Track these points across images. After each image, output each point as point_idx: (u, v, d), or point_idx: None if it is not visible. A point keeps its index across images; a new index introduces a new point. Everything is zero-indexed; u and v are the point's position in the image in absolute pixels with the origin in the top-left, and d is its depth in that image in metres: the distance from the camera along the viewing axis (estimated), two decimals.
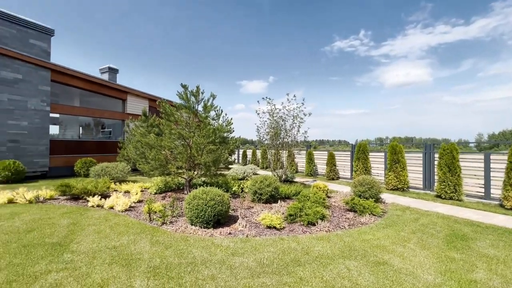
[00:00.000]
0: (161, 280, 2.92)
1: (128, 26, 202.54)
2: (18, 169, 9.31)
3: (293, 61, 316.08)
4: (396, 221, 5.37)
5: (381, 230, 4.80)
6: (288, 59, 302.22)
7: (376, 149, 34.40)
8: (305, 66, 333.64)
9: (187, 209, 4.87)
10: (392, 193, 8.65)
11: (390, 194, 8.38)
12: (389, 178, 9.21)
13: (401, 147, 9.16)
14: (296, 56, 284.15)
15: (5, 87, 9.76)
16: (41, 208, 5.87)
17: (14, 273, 2.98)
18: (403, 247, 3.99)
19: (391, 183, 9.09)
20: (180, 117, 7.72)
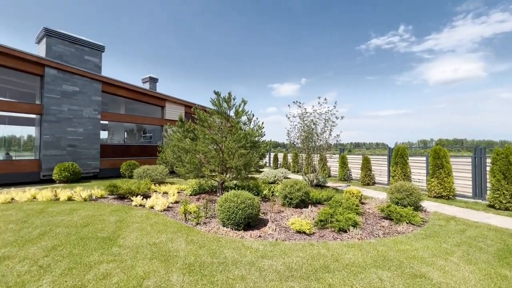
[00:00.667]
0: (195, 276, 3.14)
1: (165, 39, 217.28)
2: (75, 170, 10.57)
3: (326, 62, 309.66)
4: (438, 232, 4.98)
5: (420, 240, 4.50)
6: (321, 60, 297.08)
7: (420, 152, 31.82)
8: (339, 67, 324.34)
9: (219, 211, 5.10)
10: (435, 201, 7.99)
11: (433, 202, 7.75)
12: (431, 185, 8.52)
13: (445, 151, 8.43)
14: (330, 57, 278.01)
15: (66, 98, 11.20)
16: (94, 205, 6.62)
17: (73, 262, 3.45)
18: (445, 260, 3.70)
19: (434, 190, 8.39)
20: (213, 123, 8.10)
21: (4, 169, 9.97)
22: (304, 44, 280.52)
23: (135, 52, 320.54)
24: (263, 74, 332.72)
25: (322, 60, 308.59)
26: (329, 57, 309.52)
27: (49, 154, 10.74)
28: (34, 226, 4.82)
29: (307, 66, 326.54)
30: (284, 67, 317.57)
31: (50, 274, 3.11)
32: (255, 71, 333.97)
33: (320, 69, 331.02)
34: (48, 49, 11.06)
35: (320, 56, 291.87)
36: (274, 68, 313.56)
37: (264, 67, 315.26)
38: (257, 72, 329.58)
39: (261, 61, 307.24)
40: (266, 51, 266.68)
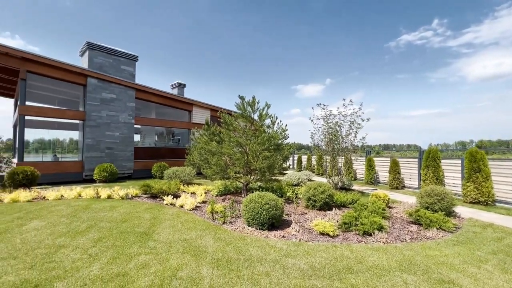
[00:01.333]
0: (223, 271, 3.38)
1: (192, 45, 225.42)
2: (113, 171, 11.50)
3: (352, 61, 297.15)
4: (472, 239, 4.74)
5: (451, 247, 4.34)
6: (346, 60, 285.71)
7: (459, 154, 29.60)
8: (366, 66, 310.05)
9: (244, 211, 5.33)
10: (472, 207, 7.52)
11: (469, 208, 7.31)
12: (467, 190, 8.02)
13: (482, 154, 7.90)
14: (356, 56, 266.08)
15: (105, 105, 12.26)
16: (130, 203, 7.21)
17: (116, 252, 3.87)
18: (477, 268, 3.56)
19: (470, 195, 7.89)
20: (238, 126, 8.40)
21: (54, 169, 11.15)
22: (328, 43, 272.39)
23: (162, 59, 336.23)
24: (287, 76, 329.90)
25: (347, 59, 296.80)
26: (355, 56, 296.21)
27: (90, 156, 11.81)
28: (82, 220, 5.43)
29: (332, 66, 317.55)
30: (308, 68, 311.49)
31: (98, 262, 3.53)
32: (279, 73, 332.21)
33: (346, 69, 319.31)
34: (90, 61, 12.21)
35: (345, 56, 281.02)
36: (298, 69, 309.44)
37: (288, 68, 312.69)
38: (281, 73, 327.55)
39: (285, 63, 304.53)
40: (290, 52, 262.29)
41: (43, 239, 4.33)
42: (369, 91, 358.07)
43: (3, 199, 7.07)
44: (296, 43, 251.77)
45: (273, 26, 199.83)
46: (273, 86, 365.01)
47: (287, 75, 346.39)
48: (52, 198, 7.50)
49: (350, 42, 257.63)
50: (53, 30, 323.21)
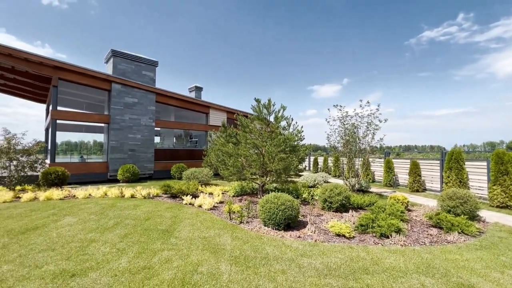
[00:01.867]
0: (241, 267, 3.53)
1: (209, 49, 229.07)
2: (135, 171, 12.07)
3: (370, 60, 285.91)
4: (497, 244, 4.58)
5: (473, 251, 4.22)
6: (364, 59, 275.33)
7: (484, 156, 28.01)
8: (385, 64, 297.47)
9: (260, 211, 5.47)
10: (499, 211, 7.18)
11: (495, 213, 6.99)
12: (493, 193, 7.67)
13: (510, 156, 7.52)
14: (374, 54, 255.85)
15: (127, 109, 12.90)
16: (152, 202, 7.57)
17: (141, 248, 4.14)
18: (501, 273, 3.46)
19: (497, 199, 7.54)
20: (254, 128, 8.57)
21: (82, 169, 11.89)
22: (346, 42, 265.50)
23: (180, 62, 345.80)
24: (302, 76, 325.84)
25: (365, 58, 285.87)
26: (373, 55, 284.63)
27: (114, 157, 12.46)
28: (109, 218, 5.81)
29: (349, 66, 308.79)
30: (324, 68, 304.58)
31: (126, 256, 3.81)
32: (295, 74, 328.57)
33: (363, 68, 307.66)
34: (114, 67, 12.92)
35: (363, 55, 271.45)
36: (314, 69, 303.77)
37: (304, 69, 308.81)
38: (297, 74, 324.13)
39: (300, 64, 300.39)
40: (306, 53, 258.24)
41: (76, 234, 4.71)
42: (388, 91, 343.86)
43: (39, 197, 7.67)
44: (312, 44, 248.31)
45: (288, 27, 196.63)
46: (289, 87, 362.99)
47: (303, 76, 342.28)
48: (81, 197, 8.04)
49: (369, 40, 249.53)
50: (78, 38, 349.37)
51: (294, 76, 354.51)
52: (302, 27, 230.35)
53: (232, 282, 3.13)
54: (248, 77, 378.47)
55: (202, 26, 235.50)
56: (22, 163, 8.70)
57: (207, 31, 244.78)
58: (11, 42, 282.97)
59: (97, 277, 3.18)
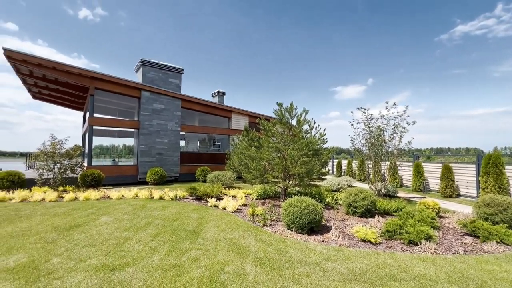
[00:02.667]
0: (265, 269, 3.63)
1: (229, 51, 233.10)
2: (162, 174, 12.67)
3: (397, 59, 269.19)
4: None
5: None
6: (390, 58, 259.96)
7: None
8: (413, 63, 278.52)
9: (283, 214, 5.53)
10: None
11: None
12: None
13: None
14: (402, 53, 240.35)
15: (155, 115, 13.63)
16: (179, 204, 7.93)
17: (171, 247, 4.40)
18: None
19: None
20: (276, 132, 8.66)
21: (114, 172, 12.72)
22: (370, 40, 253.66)
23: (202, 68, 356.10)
24: (324, 78, 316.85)
25: (392, 57, 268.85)
26: (400, 53, 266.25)
27: (143, 160, 13.19)
28: (141, 218, 6.20)
29: (374, 65, 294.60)
30: (347, 68, 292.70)
31: (157, 254, 4.08)
32: (317, 76, 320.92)
33: (390, 67, 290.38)
34: (143, 76, 13.73)
35: (389, 53, 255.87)
36: (336, 70, 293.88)
37: (326, 70, 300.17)
38: (318, 76, 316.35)
39: (322, 65, 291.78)
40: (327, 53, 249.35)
41: (112, 232, 5.11)
42: (417, 90, 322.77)
43: (79, 197, 8.37)
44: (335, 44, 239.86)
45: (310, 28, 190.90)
46: (311, 89, 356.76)
47: (325, 77, 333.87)
48: (115, 197, 8.63)
49: (395, 38, 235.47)
50: (109, 47, 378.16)
51: (316, 78, 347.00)
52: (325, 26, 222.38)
53: (257, 283, 3.24)
54: (269, 81, 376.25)
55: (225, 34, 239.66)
56: (64, 166, 9.55)
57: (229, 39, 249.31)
58: (53, 55, 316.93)
59: (133, 272, 3.45)
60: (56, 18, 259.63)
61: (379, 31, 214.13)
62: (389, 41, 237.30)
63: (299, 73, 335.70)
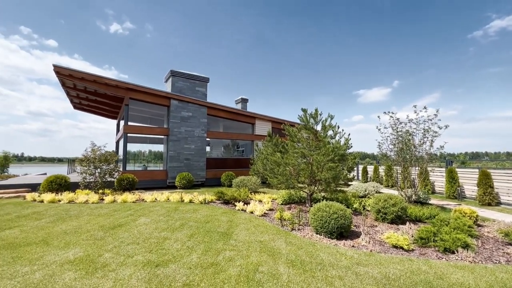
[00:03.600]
0: (298, 270, 3.76)
1: (252, 58, 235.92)
2: (190, 179, 13.23)
3: (426, 59, 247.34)
4: None
5: None
6: (418, 58, 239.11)
7: None
8: (443, 62, 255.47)
9: (312, 219, 5.62)
10: None
11: None
12: None
13: None
14: (431, 52, 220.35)
15: (183, 122, 14.33)
16: (208, 207, 8.29)
17: (207, 247, 4.68)
18: None
19: None
20: (301, 137, 8.78)
21: (146, 176, 13.51)
22: (396, 42, 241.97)
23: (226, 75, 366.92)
24: (347, 81, 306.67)
25: (420, 57, 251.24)
26: (429, 53, 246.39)
27: (172, 166, 13.88)
28: (175, 219, 6.60)
29: (401, 67, 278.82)
30: (371, 71, 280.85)
31: (195, 252, 4.37)
32: (339, 79, 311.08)
33: (418, 68, 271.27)
34: (172, 86, 14.55)
35: (417, 53, 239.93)
36: (359, 73, 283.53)
37: (348, 73, 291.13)
38: (341, 80, 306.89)
39: (344, 68, 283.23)
40: (350, 57, 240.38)
41: (151, 232, 5.52)
42: (448, 91, 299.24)
43: (117, 200, 9.05)
44: (358, 46, 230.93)
45: (333, 31, 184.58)
46: (333, 92, 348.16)
47: (348, 81, 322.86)
48: (149, 200, 9.21)
49: (423, 37, 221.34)
50: (136, 58, 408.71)
51: (339, 81, 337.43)
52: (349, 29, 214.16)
53: (291, 283, 3.39)
54: (292, 85, 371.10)
55: (247, 44, 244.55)
56: (104, 171, 10.38)
57: (252, 47, 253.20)
58: (87, 67, 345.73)
59: (176, 268, 3.76)
60: (90, 33, 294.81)
61: (405, 30, 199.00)
62: (416, 41, 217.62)
63: (321, 78, 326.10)
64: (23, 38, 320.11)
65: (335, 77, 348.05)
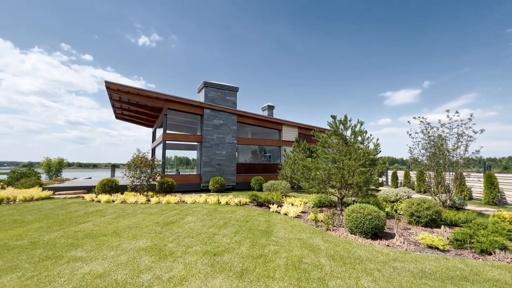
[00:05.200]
0: (338, 262, 4.21)
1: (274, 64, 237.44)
2: (222, 183, 14.04)
3: (459, 57, 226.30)
4: None
5: None
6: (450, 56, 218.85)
7: None
8: (479, 59, 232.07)
9: (347, 220, 6.00)
10: None
11: None
12: None
13: None
14: (464, 49, 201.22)
15: (215, 130, 15.29)
16: (244, 209, 8.92)
17: (252, 242, 5.27)
18: None
19: None
20: (331, 143, 9.16)
21: (181, 180, 14.56)
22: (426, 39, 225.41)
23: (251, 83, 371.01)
24: (372, 83, 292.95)
25: (452, 55, 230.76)
26: (462, 50, 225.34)
27: (206, 170, 14.81)
28: (217, 219, 7.30)
29: (431, 66, 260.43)
30: (398, 71, 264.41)
31: (243, 246, 4.98)
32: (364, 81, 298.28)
33: (450, 67, 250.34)
34: (205, 96, 15.63)
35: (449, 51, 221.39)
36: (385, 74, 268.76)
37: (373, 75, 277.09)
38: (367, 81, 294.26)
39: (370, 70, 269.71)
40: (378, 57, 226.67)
41: (200, 228, 6.25)
42: (486, 91, 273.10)
43: (161, 201, 10.02)
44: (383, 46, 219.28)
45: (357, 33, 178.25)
46: (358, 95, 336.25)
47: (373, 82, 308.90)
48: (189, 202, 10.08)
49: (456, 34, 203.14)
50: (163, 68, 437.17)
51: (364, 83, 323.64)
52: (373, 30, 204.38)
53: (334, 272, 3.85)
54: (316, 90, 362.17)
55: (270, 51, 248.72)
56: (149, 175, 11.50)
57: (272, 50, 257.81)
58: (118, 79, 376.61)
59: (231, 257, 4.38)
60: (121, 46, 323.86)
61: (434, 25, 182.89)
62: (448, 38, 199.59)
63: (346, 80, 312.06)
64: (63, 54, 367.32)
65: (359, 79, 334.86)
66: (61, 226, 6.32)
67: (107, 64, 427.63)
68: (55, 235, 5.57)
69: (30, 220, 6.93)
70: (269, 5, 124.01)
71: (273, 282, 3.51)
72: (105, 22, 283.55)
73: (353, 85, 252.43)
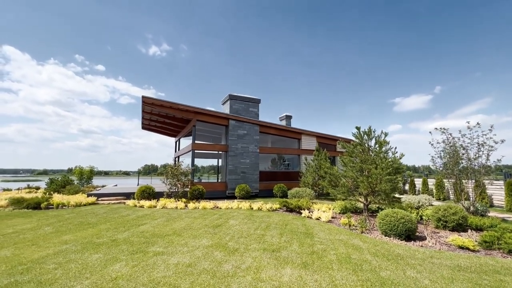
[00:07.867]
0: (382, 258, 4.88)
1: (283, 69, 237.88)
2: (248, 190, 14.82)
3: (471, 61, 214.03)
4: None
5: None
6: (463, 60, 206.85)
7: None
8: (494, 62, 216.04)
9: (380, 223, 6.65)
10: None
11: None
12: None
13: None
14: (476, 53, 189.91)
15: (239, 139, 16.20)
16: (277, 214, 9.63)
17: (299, 242, 5.98)
18: None
19: None
20: (358, 153, 9.85)
21: (209, 187, 15.42)
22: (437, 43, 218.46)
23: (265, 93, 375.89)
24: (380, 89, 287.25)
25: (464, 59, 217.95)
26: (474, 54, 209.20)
27: (231, 178, 15.66)
28: (258, 222, 8.05)
29: (442, 71, 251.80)
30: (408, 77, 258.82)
31: (293, 245, 5.71)
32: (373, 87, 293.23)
33: (463, 71, 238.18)
34: (230, 108, 16.63)
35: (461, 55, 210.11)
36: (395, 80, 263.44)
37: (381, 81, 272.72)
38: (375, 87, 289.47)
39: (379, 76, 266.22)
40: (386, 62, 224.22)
41: (247, 230, 7.01)
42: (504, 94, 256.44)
43: (198, 206, 10.86)
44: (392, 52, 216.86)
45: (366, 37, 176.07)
46: (367, 102, 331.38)
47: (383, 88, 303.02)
48: (223, 208, 10.88)
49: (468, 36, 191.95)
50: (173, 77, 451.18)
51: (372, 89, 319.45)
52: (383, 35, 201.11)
53: (382, 265, 4.53)
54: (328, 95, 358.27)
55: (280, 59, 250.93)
56: (183, 182, 12.43)
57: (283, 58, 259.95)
58: (129, 88, 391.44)
59: (287, 253, 5.12)
60: (132, 56, 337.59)
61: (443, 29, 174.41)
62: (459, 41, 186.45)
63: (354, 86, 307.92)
64: (77, 65, 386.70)
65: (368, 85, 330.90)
66: (125, 227, 7.22)
67: (119, 74, 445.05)
68: (125, 235, 6.46)
69: (94, 222, 7.87)
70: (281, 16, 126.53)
71: (334, 271, 4.23)
72: (117, 32, 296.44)
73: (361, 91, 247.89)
